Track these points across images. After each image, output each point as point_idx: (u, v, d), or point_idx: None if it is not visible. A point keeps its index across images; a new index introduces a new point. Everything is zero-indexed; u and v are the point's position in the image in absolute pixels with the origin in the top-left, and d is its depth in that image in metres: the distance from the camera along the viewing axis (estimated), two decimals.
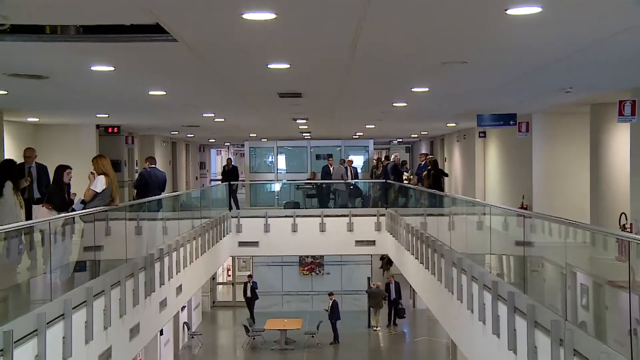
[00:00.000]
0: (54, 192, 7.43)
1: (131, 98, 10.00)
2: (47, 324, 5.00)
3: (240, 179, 28.61)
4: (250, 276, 21.70)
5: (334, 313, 19.04)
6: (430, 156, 17.87)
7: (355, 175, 19.43)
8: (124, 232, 7.99)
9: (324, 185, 18.37)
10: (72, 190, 7.89)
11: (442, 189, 15.52)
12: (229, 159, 19.82)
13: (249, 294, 21.07)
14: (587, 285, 4.98)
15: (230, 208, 16.29)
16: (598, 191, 10.66)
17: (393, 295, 20.09)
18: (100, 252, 7.09)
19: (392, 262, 16.39)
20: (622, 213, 9.11)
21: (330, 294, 19.92)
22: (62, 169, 7.61)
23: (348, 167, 19.03)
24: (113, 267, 7.07)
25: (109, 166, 7.46)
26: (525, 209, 12.22)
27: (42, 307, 5.08)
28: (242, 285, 21.34)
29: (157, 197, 10.43)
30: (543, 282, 6.04)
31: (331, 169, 18.59)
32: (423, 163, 17.70)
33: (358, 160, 23.78)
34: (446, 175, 17.21)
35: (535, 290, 5.83)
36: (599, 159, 10.69)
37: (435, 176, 15.42)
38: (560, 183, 12.62)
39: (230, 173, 18.50)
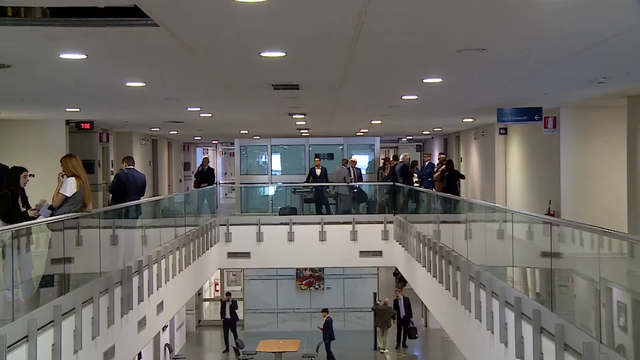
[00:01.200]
0: (2, 198, 7.25)
1: (106, 90, 10.00)
2: (8, 347, 4.98)
3: (229, 181, 27.83)
4: (228, 294, 21.57)
5: (328, 332, 19.11)
6: (442, 155, 18.04)
7: (359, 177, 19.58)
8: (98, 242, 8.01)
9: (326, 189, 18.56)
10: (31, 196, 7.79)
11: (457, 193, 15.67)
12: (205, 159, 19.70)
13: (227, 314, 20.87)
14: (624, 302, 4.97)
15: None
16: (636, 195, 10.67)
17: (403, 313, 20.15)
18: (71, 265, 7.07)
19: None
20: None
21: (324, 311, 20.00)
22: (17, 172, 7.52)
23: (351, 168, 19.16)
24: (85, 281, 7.06)
25: (81, 167, 7.44)
26: (553, 215, 12.31)
27: (2, 329, 5.04)
28: (226, 303, 21.22)
29: (136, 202, 10.51)
30: (573, 298, 6.08)
31: (318, 171, 18.79)
32: (427, 163, 17.90)
33: (362, 161, 23.80)
34: (462, 177, 17.37)
35: (565, 308, 5.85)
36: (637, 159, 10.71)
37: (450, 178, 15.54)
38: (593, 186, 12.65)
39: (205, 175, 18.46)
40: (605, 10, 5.12)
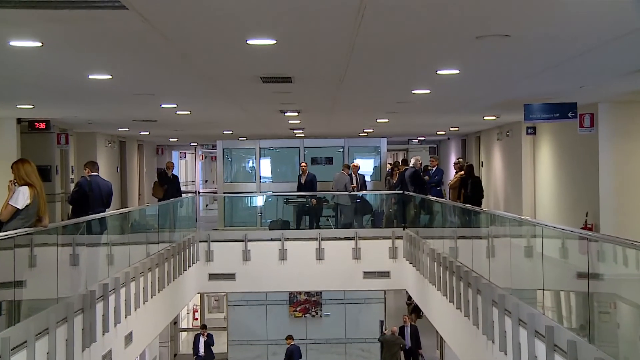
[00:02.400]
0: None
1: (65, 83, 10.03)
2: None
3: (210, 190, 28.01)
4: (204, 327, 21.46)
5: None
6: (460, 160, 18.01)
7: (362, 185, 19.61)
8: (55, 262, 7.94)
9: (320, 199, 18.66)
10: None
11: (480, 203, 15.65)
12: (169, 163, 19.26)
13: (201, 351, 20.51)
14: None
15: None
16: None
17: (408, 344, 20.14)
18: (22, 290, 7.03)
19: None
20: None
21: (289, 338, 20.02)
22: None
23: (353, 175, 19.21)
24: (39, 309, 7.02)
25: (35, 174, 7.42)
26: (590, 229, 12.30)
27: None
28: (200, 337, 20.94)
29: (100, 214, 10.45)
30: (616, 328, 6.07)
31: (303, 177, 18.92)
32: (435, 168, 17.94)
33: (367, 166, 23.81)
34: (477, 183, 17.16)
35: (606, 338, 5.87)
36: None
37: (474, 186, 15.59)
38: (638, 195, 12.63)
39: (169, 183, 17.85)
40: None
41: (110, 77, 9.27)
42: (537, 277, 7.67)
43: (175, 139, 26.12)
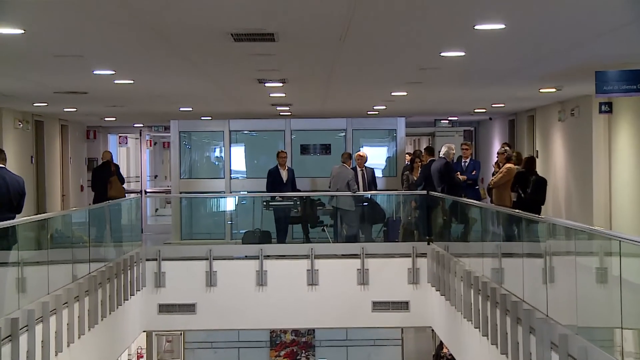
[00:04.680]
0: None
1: None
2: None
3: (162, 189, 28.75)
4: None
5: None
6: (507, 147, 17.96)
7: (371, 183, 19.36)
8: None
9: (317, 202, 18.60)
10: None
11: (540, 210, 15.69)
12: (106, 153, 19.49)
13: None
14: None
15: None
16: None
17: None
18: None
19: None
20: None
21: None
22: None
23: (358, 168, 19.11)
24: None
25: None
26: None
27: None
28: None
29: (7, 222, 10.32)
30: None
31: (284, 173, 19.03)
32: (470, 161, 18.18)
33: (377, 156, 23.43)
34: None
35: None
36: None
37: (538, 186, 15.64)
38: None
39: (102, 175, 18.08)
40: None
41: (22, 31, 9.20)
42: (613, 310, 7.65)
43: (113, 119, 25.89)
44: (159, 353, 26.02)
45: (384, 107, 21.21)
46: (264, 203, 19.24)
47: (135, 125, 30.34)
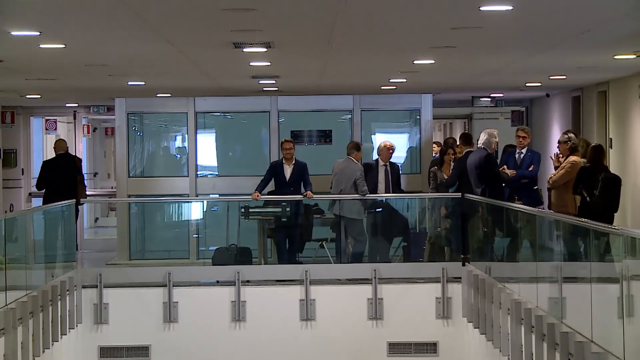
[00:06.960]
0: None
1: None
2: None
3: (103, 191, 30.42)
4: None
5: None
6: (569, 134, 16.90)
7: (397, 183, 18.56)
8: None
9: (314, 209, 18.13)
10: None
11: (612, 218, 15.01)
12: (60, 141, 20.04)
13: None
14: None
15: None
16: None
17: None
18: None
19: None
20: None
21: None
22: None
23: (381, 162, 18.26)
24: None
25: None
26: None
27: None
28: None
29: None
30: None
31: (288, 169, 18.11)
32: (525, 153, 17.33)
33: (395, 147, 23.10)
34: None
35: None
36: None
37: (608, 185, 14.88)
38: None
39: (67, 174, 18.71)
40: None
41: None
42: None
43: (38, 96, 25.43)
44: None
45: (404, 81, 20.30)
46: (242, 210, 18.31)
47: (67, 105, 30.50)
